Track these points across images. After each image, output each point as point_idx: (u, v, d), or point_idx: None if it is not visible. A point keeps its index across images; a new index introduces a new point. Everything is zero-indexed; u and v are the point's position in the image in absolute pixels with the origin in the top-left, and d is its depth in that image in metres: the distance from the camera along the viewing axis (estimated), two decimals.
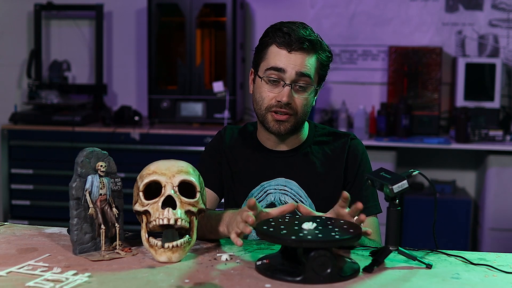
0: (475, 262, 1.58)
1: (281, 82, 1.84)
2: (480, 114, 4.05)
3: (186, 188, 1.60)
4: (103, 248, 1.64)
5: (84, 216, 1.63)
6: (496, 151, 3.89)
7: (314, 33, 1.87)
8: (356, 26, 4.38)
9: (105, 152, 1.67)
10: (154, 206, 1.57)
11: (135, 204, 1.60)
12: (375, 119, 4.11)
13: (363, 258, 1.60)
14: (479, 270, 1.53)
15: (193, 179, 1.61)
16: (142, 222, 1.59)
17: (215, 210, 1.95)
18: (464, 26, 4.29)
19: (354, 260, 1.57)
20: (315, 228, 1.50)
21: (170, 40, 4.39)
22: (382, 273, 1.50)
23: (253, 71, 1.93)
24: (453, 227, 3.97)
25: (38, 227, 1.87)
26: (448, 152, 4.31)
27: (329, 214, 1.66)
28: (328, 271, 1.42)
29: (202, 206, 1.62)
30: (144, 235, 1.58)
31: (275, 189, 1.91)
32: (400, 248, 1.56)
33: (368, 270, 1.50)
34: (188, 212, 1.58)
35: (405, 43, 4.31)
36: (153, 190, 1.60)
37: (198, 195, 1.61)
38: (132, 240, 1.73)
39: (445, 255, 1.64)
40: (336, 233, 1.47)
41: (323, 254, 1.42)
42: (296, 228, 1.50)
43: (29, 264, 1.53)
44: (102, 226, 1.63)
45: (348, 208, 1.61)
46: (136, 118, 4.11)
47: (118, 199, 1.68)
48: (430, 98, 4.17)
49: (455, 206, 4.03)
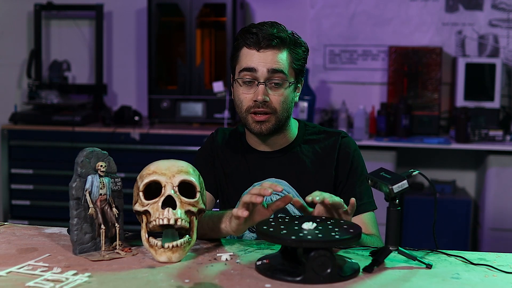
0: (475, 262, 1.58)
1: (255, 82, 1.84)
2: (480, 114, 4.05)
3: (186, 188, 1.60)
4: (103, 248, 1.64)
5: (84, 216, 1.63)
6: (496, 151, 3.89)
7: (286, 31, 1.87)
8: (356, 26, 4.38)
9: (105, 152, 1.67)
10: (154, 206, 1.57)
11: (135, 204, 1.60)
12: (375, 119, 4.11)
13: (363, 258, 1.60)
14: (479, 270, 1.53)
15: (193, 179, 1.61)
16: (142, 222, 1.59)
17: (212, 210, 1.95)
18: (464, 26, 4.29)
19: (354, 260, 1.57)
20: (315, 228, 1.50)
21: (170, 40, 4.39)
22: (382, 273, 1.50)
23: (232, 76, 1.94)
24: (453, 227, 3.97)
25: (38, 227, 1.87)
26: (448, 152, 4.31)
27: (319, 209, 1.65)
28: (328, 271, 1.42)
29: (202, 206, 1.63)
30: (144, 235, 1.59)
31: None
32: (400, 248, 1.56)
33: (368, 270, 1.50)
34: (188, 212, 1.58)
35: (405, 43, 4.31)
36: (153, 190, 1.60)
37: (198, 195, 1.61)
38: (132, 240, 1.73)
39: (445, 255, 1.64)
40: (336, 233, 1.47)
41: (323, 254, 1.42)
42: (296, 228, 1.50)
43: (29, 264, 1.53)
44: (102, 226, 1.63)
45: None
46: (136, 118, 4.11)
47: (118, 199, 1.68)
48: (430, 98, 4.17)
49: (455, 206, 4.03)
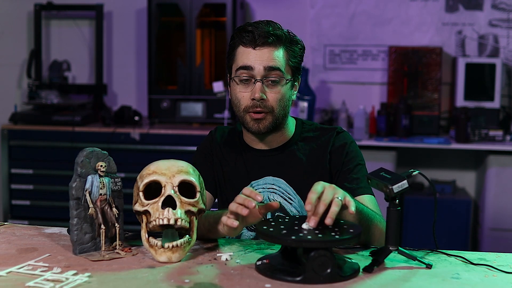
0: (475, 262, 1.58)
1: (252, 80, 1.84)
2: (480, 114, 4.05)
3: (186, 188, 1.60)
4: (103, 248, 1.64)
5: (84, 216, 1.63)
6: (496, 151, 3.89)
7: (282, 29, 1.87)
8: (356, 26, 4.38)
9: (105, 152, 1.67)
10: (154, 206, 1.57)
11: (135, 204, 1.60)
12: (375, 119, 4.11)
13: (363, 258, 1.60)
14: (479, 270, 1.53)
15: (193, 179, 1.61)
16: (142, 222, 1.59)
17: (210, 210, 1.95)
18: (464, 26, 4.29)
19: (354, 260, 1.57)
20: (315, 227, 1.50)
21: (170, 40, 4.39)
22: (382, 273, 1.50)
23: (228, 75, 1.94)
24: (453, 227, 3.97)
25: (38, 227, 1.87)
26: (448, 152, 4.31)
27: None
28: (328, 271, 1.42)
29: (202, 206, 1.63)
30: (144, 235, 1.59)
31: (264, 188, 1.91)
32: (400, 248, 1.56)
33: (368, 270, 1.50)
34: (188, 212, 1.58)
35: (405, 43, 4.31)
36: (153, 190, 1.60)
37: (198, 195, 1.61)
38: (132, 240, 1.73)
39: (445, 255, 1.64)
40: (336, 233, 1.47)
41: (323, 254, 1.42)
42: (296, 228, 1.50)
43: (29, 264, 1.53)
44: (102, 226, 1.63)
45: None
46: (136, 118, 4.11)
47: (118, 199, 1.68)
48: (430, 98, 4.17)
49: (455, 206, 4.03)
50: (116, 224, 1.65)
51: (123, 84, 4.61)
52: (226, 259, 1.58)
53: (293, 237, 1.44)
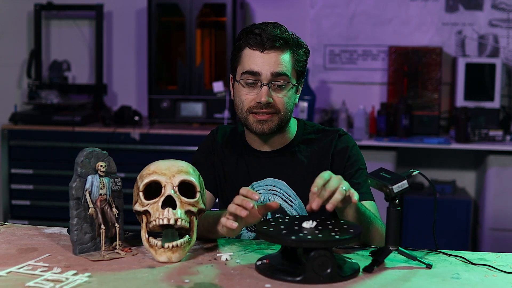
0: (475, 262, 1.58)
1: (258, 83, 1.83)
2: (480, 114, 4.05)
3: (186, 188, 1.60)
4: (103, 248, 1.64)
5: (84, 216, 1.63)
6: (496, 151, 3.89)
7: (288, 32, 1.86)
8: (356, 26, 4.38)
9: (105, 152, 1.67)
10: (154, 206, 1.57)
11: (135, 204, 1.61)
12: (375, 119, 4.11)
13: (363, 258, 1.60)
14: (479, 270, 1.53)
15: (193, 179, 1.61)
16: (142, 222, 1.59)
17: (211, 209, 1.95)
18: (464, 26, 4.29)
19: (354, 260, 1.57)
20: (315, 227, 1.50)
21: (170, 40, 4.39)
22: (382, 273, 1.51)
23: (232, 76, 1.93)
24: (453, 227, 3.97)
25: (38, 227, 1.87)
26: (448, 152, 4.31)
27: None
28: (328, 271, 1.42)
29: (202, 206, 1.63)
30: (144, 235, 1.59)
31: (264, 189, 1.91)
32: (400, 248, 1.56)
33: (368, 270, 1.50)
34: (188, 212, 1.58)
35: (405, 43, 4.31)
36: (153, 190, 1.60)
37: (198, 195, 1.61)
38: (132, 240, 1.73)
39: (445, 255, 1.64)
40: (336, 233, 1.47)
41: (323, 254, 1.42)
42: (296, 228, 1.50)
43: (29, 264, 1.53)
44: (102, 226, 1.63)
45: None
46: (136, 118, 4.11)
47: (118, 199, 1.68)
48: (430, 98, 4.17)
49: (455, 206, 4.03)
50: (116, 224, 1.65)
51: (123, 84, 4.61)
52: (226, 259, 1.58)
53: (293, 237, 1.44)
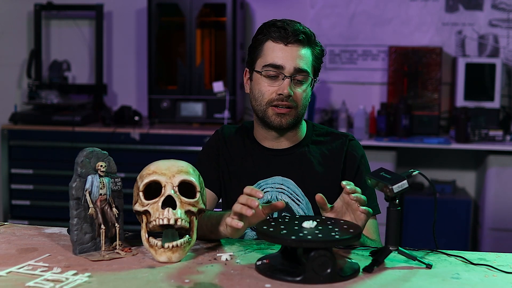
0: (475, 262, 1.58)
1: (280, 75, 1.85)
2: (480, 114, 4.05)
3: (186, 188, 1.60)
4: (103, 248, 1.64)
5: (84, 216, 1.63)
6: (496, 151, 3.89)
7: (306, 27, 1.89)
8: (356, 26, 4.38)
9: (105, 152, 1.67)
10: (154, 206, 1.57)
11: (135, 204, 1.60)
12: (375, 119, 4.11)
13: (363, 258, 1.60)
14: (479, 270, 1.53)
15: (193, 179, 1.61)
16: (142, 222, 1.59)
17: (214, 210, 1.95)
18: (464, 26, 4.29)
19: (354, 260, 1.57)
20: (315, 227, 1.50)
21: (170, 40, 4.39)
22: (382, 273, 1.50)
23: (247, 70, 1.94)
24: (453, 227, 3.97)
25: (38, 227, 1.87)
26: (448, 152, 4.31)
27: (336, 203, 1.66)
28: (328, 271, 1.42)
29: (202, 206, 1.63)
30: (144, 235, 1.59)
31: (272, 187, 1.91)
32: (400, 248, 1.56)
33: (368, 270, 1.50)
34: (188, 212, 1.58)
35: (405, 43, 4.31)
36: (153, 190, 1.60)
37: (198, 195, 1.61)
38: (132, 240, 1.73)
39: (445, 255, 1.64)
40: (336, 233, 1.47)
41: (323, 254, 1.42)
42: (296, 228, 1.50)
43: (29, 264, 1.53)
44: (102, 226, 1.63)
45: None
46: (136, 118, 4.11)
47: (118, 199, 1.68)
48: (430, 98, 4.17)
49: (455, 206, 4.03)
50: (116, 224, 1.65)
51: (123, 84, 4.61)
52: (226, 259, 1.58)
53: (293, 237, 1.44)
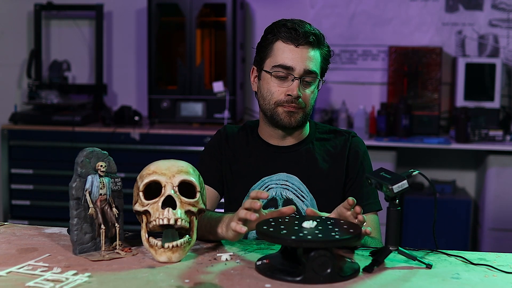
0: (475, 262, 1.58)
1: (289, 76, 1.85)
2: (480, 114, 4.05)
3: (186, 188, 1.60)
4: (103, 248, 1.64)
5: (84, 216, 1.63)
6: (496, 151, 3.89)
7: (316, 28, 1.90)
8: (356, 26, 4.38)
9: (105, 152, 1.67)
10: (154, 206, 1.57)
11: (135, 204, 1.60)
12: (375, 119, 4.11)
13: (363, 258, 1.60)
14: (479, 270, 1.53)
15: (193, 179, 1.61)
16: (142, 222, 1.59)
17: (215, 210, 1.95)
18: (464, 26, 4.29)
19: (354, 260, 1.57)
20: (316, 227, 1.50)
21: (170, 40, 4.39)
22: (382, 273, 1.50)
23: (255, 68, 1.94)
24: (453, 227, 3.97)
25: (38, 227, 1.87)
26: (448, 152, 4.31)
27: (332, 214, 1.66)
28: (328, 271, 1.42)
29: (202, 206, 1.63)
30: (144, 235, 1.59)
31: (277, 184, 1.92)
32: (400, 248, 1.56)
33: (368, 270, 1.50)
34: (188, 212, 1.58)
35: (405, 43, 4.31)
36: (153, 190, 1.60)
37: (198, 195, 1.61)
38: (132, 240, 1.73)
39: (445, 255, 1.64)
40: (336, 233, 1.47)
41: (323, 254, 1.42)
42: (296, 228, 1.50)
43: (29, 264, 1.53)
44: (102, 226, 1.63)
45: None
46: (136, 118, 4.11)
47: (118, 199, 1.68)
48: (430, 98, 4.16)
49: (455, 206, 4.03)
50: (116, 224, 1.65)
51: (123, 84, 4.61)
52: (226, 259, 1.58)
53: (293, 237, 1.44)
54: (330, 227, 1.51)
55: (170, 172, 1.60)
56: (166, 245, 1.56)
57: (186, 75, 4.13)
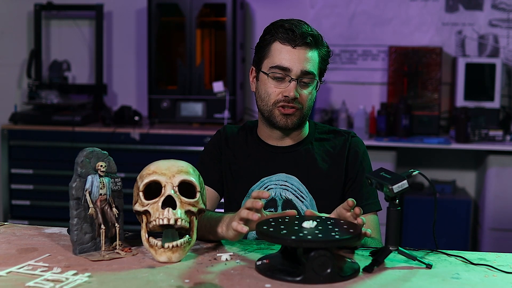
0: (475, 262, 1.58)
1: (286, 77, 1.85)
2: (480, 114, 4.05)
3: (186, 188, 1.60)
4: (103, 248, 1.64)
5: (84, 216, 1.63)
6: (496, 151, 3.89)
7: (314, 28, 1.89)
8: (356, 26, 4.38)
9: (105, 152, 1.67)
10: (154, 206, 1.57)
11: (135, 204, 1.60)
12: (375, 119, 4.11)
13: (363, 258, 1.60)
14: (479, 270, 1.53)
15: (193, 179, 1.61)
16: (142, 222, 1.59)
17: (215, 210, 1.95)
18: (464, 26, 4.29)
19: (354, 260, 1.57)
20: (316, 227, 1.50)
21: (170, 40, 4.39)
22: (382, 273, 1.50)
23: (254, 68, 1.94)
24: (453, 227, 3.97)
25: (38, 227, 1.87)
26: (448, 152, 4.31)
27: (331, 215, 1.66)
28: (328, 271, 1.42)
29: (202, 206, 1.63)
30: (144, 235, 1.59)
31: (276, 184, 1.92)
32: (400, 248, 1.56)
33: (368, 270, 1.50)
34: (188, 212, 1.58)
35: (405, 43, 4.31)
36: (153, 190, 1.60)
37: (198, 195, 1.61)
38: (132, 240, 1.73)
39: (445, 255, 1.64)
40: (336, 233, 1.47)
41: (323, 254, 1.42)
42: (296, 228, 1.50)
43: (29, 264, 1.53)
44: (102, 226, 1.63)
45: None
46: (136, 118, 4.11)
47: (118, 199, 1.68)
48: (430, 98, 4.16)
49: (455, 206, 4.03)
50: (116, 224, 1.65)
51: (123, 84, 4.61)
52: (226, 259, 1.58)
53: (293, 237, 1.44)
54: (330, 227, 1.51)
55: (170, 172, 1.60)
56: (166, 245, 1.56)
57: (186, 75, 4.13)
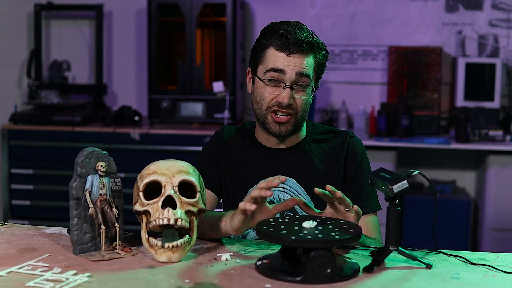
0: (475, 262, 1.58)
1: (281, 83, 1.84)
2: (480, 114, 4.05)
3: (186, 188, 1.60)
4: (103, 248, 1.64)
5: (84, 216, 1.63)
6: (496, 151, 3.89)
7: (310, 32, 1.88)
8: (356, 26, 4.38)
9: (105, 152, 1.67)
10: (154, 206, 1.57)
11: (135, 204, 1.60)
12: (375, 119, 4.11)
13: (363, 258, 1.60)
14: (479, 270, 1.53)
15: (193, 179, 1.61)
16: (142, 222, 1.59)
17: (214, 211, 1.95)
18: (464, 26, 4.29)
19: (354, 260, 1.57)
20: (316, 227, 1.50)
21: (170, 40, 4.39)
22: (382, 273, 1.50)
23: (250, 70, 1.94)
24: (453, 227, 3.97)
25: (38, 227, 1.87)
26: (448, 152, 4.31)
27: (328, 212, 1.66)
28: (328, 271, 1.42)
29: (202, 206, 1.63)
30: (144, 235, 1.59)
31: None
32: (400, 248, 1.56)
33: (368, 270, 1.50)
34: (188, 212, 1.58)
35: (405, 43, 4.31)
36: (153, 190, 1.60)
37: (198, 195, 1.61)
38: (132, 240, 1.73)
39: (445, 255, 1.64)
40: (336, 233, 1.47)
41: (323, 254, 1.42)
42: (296, 228, 1.50)
43: (29, 264, 1.53)
44: (102, 226, 1.63)
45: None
46: (136, 118, 4.11)
47: (118, 199, 1.68)
48: (430, 98, 4.16)
49: (455, 206, 4.03)
50: (116, 224, 1.65)
51: (123, 84, 4.61)
52: (226, 259, 1.58)
53: (293, 237, 1.44)
54: (330, 227, 1.51)
55: (170, 172, 1.60)
56: (166, 245, 1.56)
57: (186, 75, 4.13)
